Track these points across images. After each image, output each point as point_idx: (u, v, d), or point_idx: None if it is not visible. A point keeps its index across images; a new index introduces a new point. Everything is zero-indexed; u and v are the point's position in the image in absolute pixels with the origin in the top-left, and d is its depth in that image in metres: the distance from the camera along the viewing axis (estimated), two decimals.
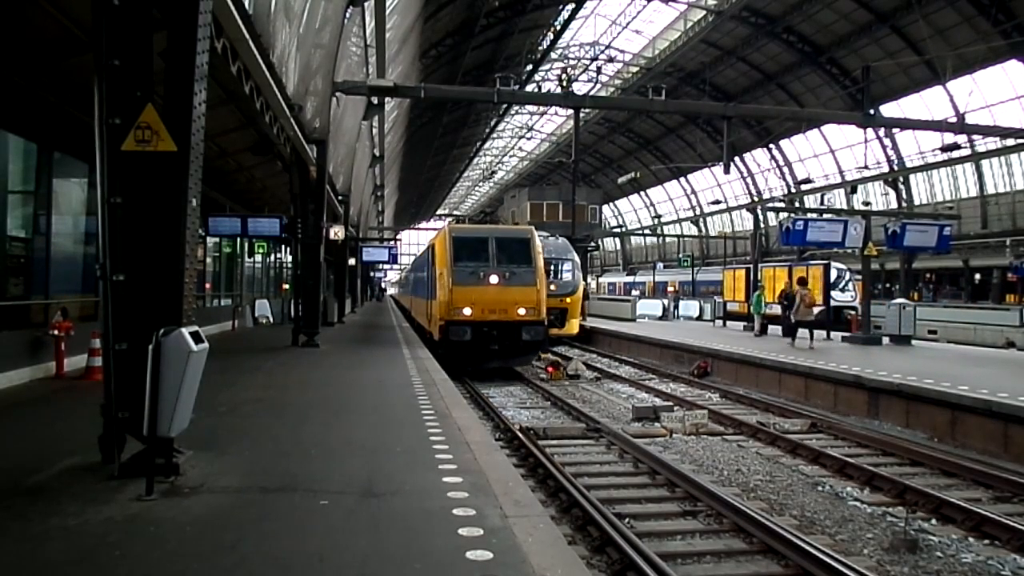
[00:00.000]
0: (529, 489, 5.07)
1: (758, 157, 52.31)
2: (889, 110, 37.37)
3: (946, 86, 34.01)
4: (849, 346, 18.64)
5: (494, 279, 16.21)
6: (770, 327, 21.72)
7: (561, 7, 37.80)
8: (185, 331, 4.89)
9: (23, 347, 9.60)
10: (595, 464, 8.95)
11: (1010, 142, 32.43)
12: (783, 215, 24.12)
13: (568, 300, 23.53)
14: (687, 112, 41.83)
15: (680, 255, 53.46)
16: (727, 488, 7.91)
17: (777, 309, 20.92)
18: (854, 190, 39.04)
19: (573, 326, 24.03)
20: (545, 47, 43.56)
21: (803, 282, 19.26)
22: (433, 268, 18.00)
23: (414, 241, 79.03)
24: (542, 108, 57.31)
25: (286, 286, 30.00)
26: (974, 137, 34.62)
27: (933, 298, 39.36)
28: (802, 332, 18.16)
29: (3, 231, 9.79)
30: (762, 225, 32.24)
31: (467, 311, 15.95)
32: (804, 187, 47.26)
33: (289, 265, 27.63)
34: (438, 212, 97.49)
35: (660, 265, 60.07)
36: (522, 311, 16.09)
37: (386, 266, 56.66)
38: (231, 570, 3.61)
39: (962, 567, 5.94)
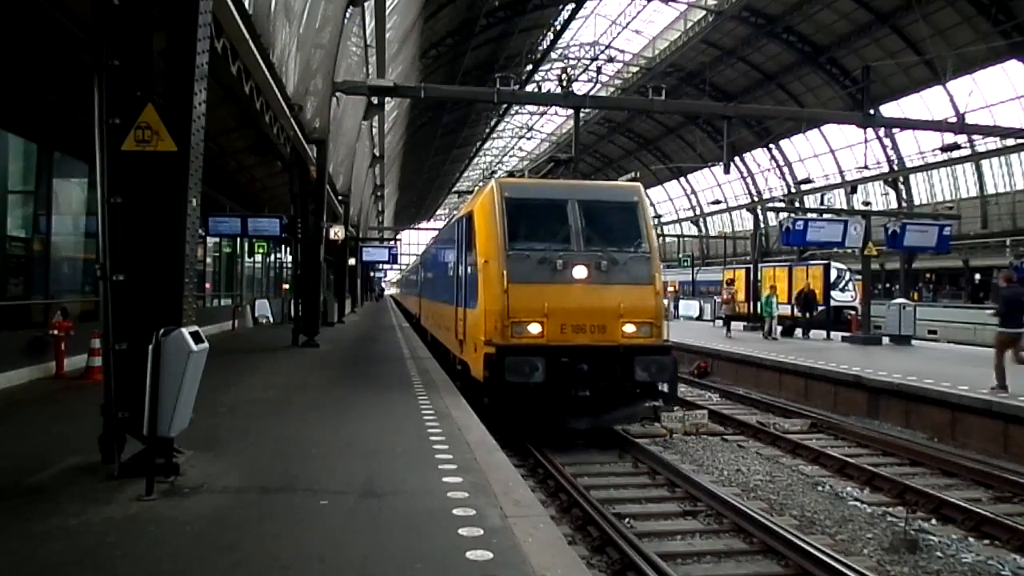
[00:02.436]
0: (529, 489, 5.07)
1: (758, 157, 52.29)
2: (889, 110, 37.35)
3: (946, 86, 33.97)
4: (849, 346, 18.64)
5: (580, 272, 9.25)
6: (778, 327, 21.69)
7: (561, 7, 37.77)
8: (185, 331, 4.89)
9: (23, 347, 9.60)
10: (595, 464, 8.95)
11: (1010, 142, 32.42)
12: (783, 215, 24.11)
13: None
14: (687, 112, 41.76)
15: (680, 255, 53.44)
16: (727, 488, 7.91)
17: (785, 309, 21.20)
18: (854, 190, 38.98)
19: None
20: (545, 47, 43.53)
21: (731, 283, 24.90)
22: (467, 254, 10.51)
23: (414, 241, 79.13)
24: (542, 108, 57.28)
25: (286, 286, 30.00)
26: (974, 137, 34.59)
27: (933, 298, 39.38)
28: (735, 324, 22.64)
29: (3, 231, 9.79)
30: (762, 225, 32.21)
31: (534, 328, 9.04)
32: (804, 187, 47.23)
33: (289, 265, 27.64)
34: (438, 212, 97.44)
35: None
36: (630, 328, 9.18)
37: (386, 266, 56.66)
38: (231, 570, 3.61)
39: (962, 567, 5.94)
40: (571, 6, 36.14)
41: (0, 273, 9.76)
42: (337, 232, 22.04)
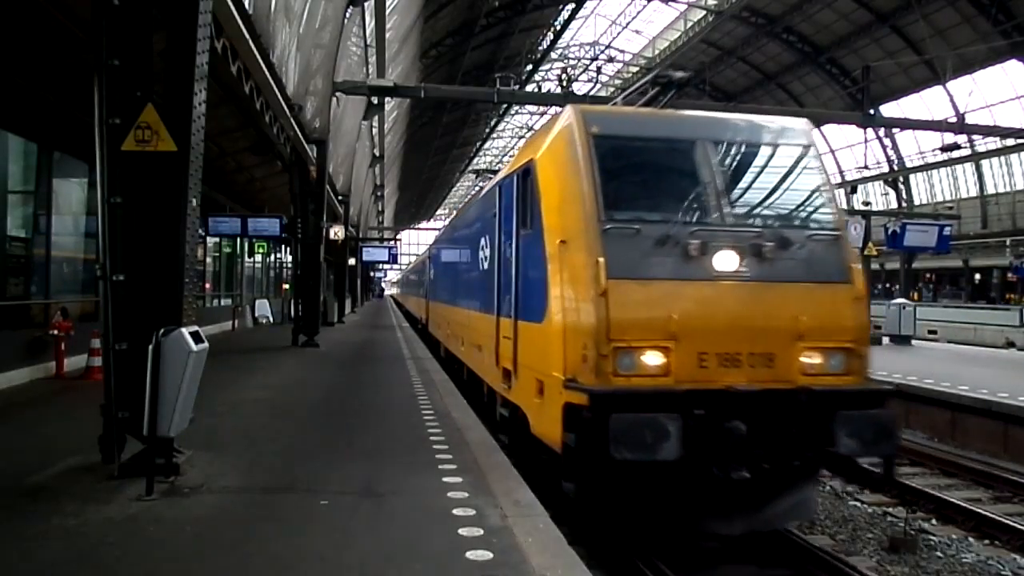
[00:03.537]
0: (529, 489, 5.06)
1: None
2: (889, 110, 37.37)
3: (946, 86, 33.99)
4: None
5: (728, 261, 5.50)
6: None
7: (561, 7, 37.77)
8: (185, 331, 4.89)
9: (23, 347, 9.59)
10: None
11: (1010, 142, 32.43)
12: None
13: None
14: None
15: None
16: None
17: None
18: (854, 190, 38.94)
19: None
20: (545, 47, 43.55)
21: None
22: (519, 233, 6.72)
23: (414, 241, 79.18)
24: (542, 108, 57.28)
25: (286, 286, 30.00)
26: (974, 137, 34.59)
27: (933, 298, 39.41)
28: None
29: (3, 231, 9.79)
30: None
31: (653, 359, 5.27)
32: None
33: (289, 265, 27.65)
34: (438, 212, 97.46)
35: None
36: (815, 358, 5.48)
37: (386, 266, 56.68)
38: (231, 570, 3.60)
39: (962, 567, 5.94)
40: (571, 6, 36.13)
41: (0, 273, 9.75)
42: (337, 232, 22.05)
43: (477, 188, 15.37)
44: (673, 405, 4.90)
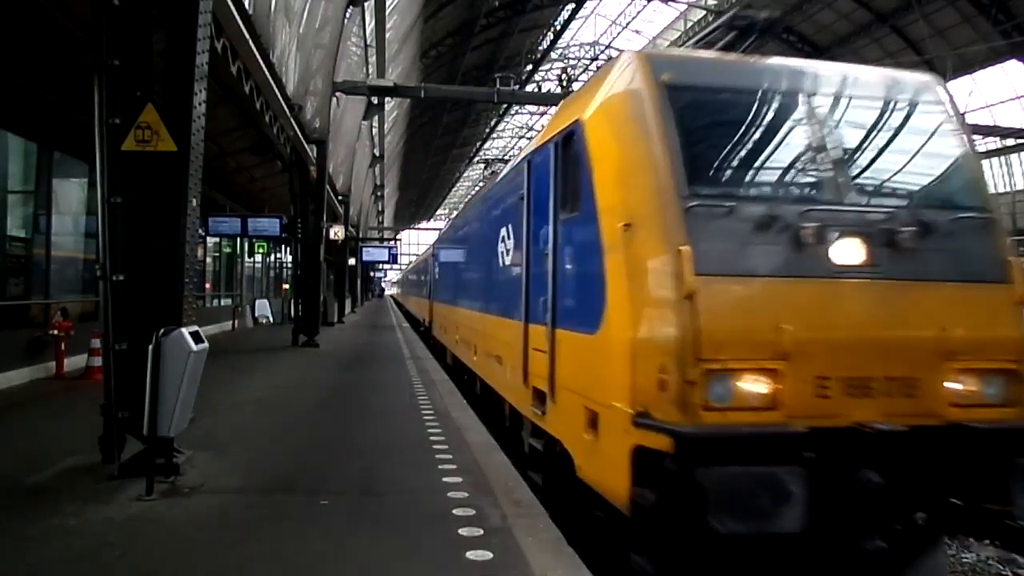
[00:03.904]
0: (529, 489, 5.06)
1: None
2: None
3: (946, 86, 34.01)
4: None
5: (851, 251, 4.08)
6: None
7: (561, 7, 37.78)
8: (185, 331, 4.89)
9: (23, 347, 9.59)
10: None
11: (1010, 142, 32.45)
12: None
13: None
14: None
15: None
16: None
17: None
18: None
19: None
20: (545, 47, 43.56)
21: None
22: (559, 217, 5.21)
23: (414, 241, 79.24)
24: (542, 108, 57.29)
25: (286, 286, 30.02)
26: (974, 137, 34.63)
27: None
28: None
29: (3, 231, 9.79)
30: None
31: (757, 387, 3.82)
32: None
33: (289, 265, 27.67)
34: (438, 212, 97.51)
35: None
36: (969, 383, 4.06)
37: (386, 266, 56.69)
38: (231, 570, 3.60)
39: (962, 567, 5.93)
40: (571, 6, 36.14)
41: (0, 273, 9.76)
42: (337, 232, 22.06)
43: (491, 174, 13.23)
44: (790, 451, 3.58)
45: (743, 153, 4.45)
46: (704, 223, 3.96)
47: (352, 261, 33.67)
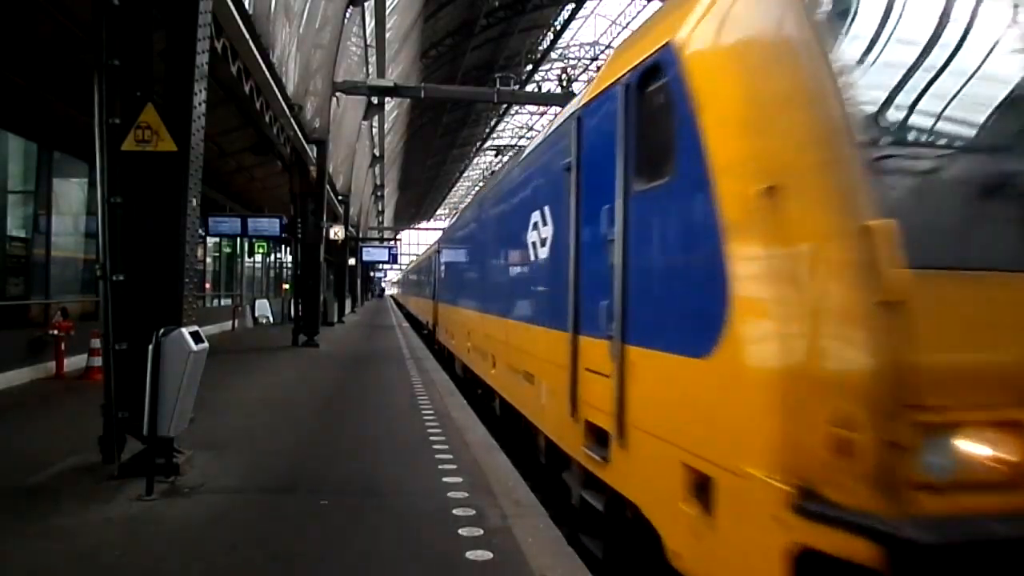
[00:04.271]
0: (529, 489, 5.06)
1: None
2: None
3: None
4: None
5: None
6: None
7: (561, 7, 37.79)
8: (185, 331, 4.89)
9: (23, 347, 9.59)
10: None
11: None
12: None
13: None
14: None
15: None
16: None
17: None
18: None
19: None
20: (545, 47, 43.57)
21: None
22: (634, 188, 3.67)
23: (414, 241, 79.28)
24: (542, 108, 57.31)
25: (286, 286, 30.02)
26: None
27: None
28: None
29: (3, 231, 9.79)
30: None
31: (999, 449, 2.28)
32: None
33: (289, 265, 27.67)
34: (438, 212, 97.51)
35: None
36: None
37: (386, 266, 56.74)
38: (231, 570, 3.60)
39: None
40: (571, 6, 36.19)
41: (0, 273, 9.76)
42: (337, 232, 22.07)
43: (516, 151, 11.13)
44: None
45: (939, 82, 2.80)
46: (906, 184, 2.55)
47: (352, 261, 33.70)
